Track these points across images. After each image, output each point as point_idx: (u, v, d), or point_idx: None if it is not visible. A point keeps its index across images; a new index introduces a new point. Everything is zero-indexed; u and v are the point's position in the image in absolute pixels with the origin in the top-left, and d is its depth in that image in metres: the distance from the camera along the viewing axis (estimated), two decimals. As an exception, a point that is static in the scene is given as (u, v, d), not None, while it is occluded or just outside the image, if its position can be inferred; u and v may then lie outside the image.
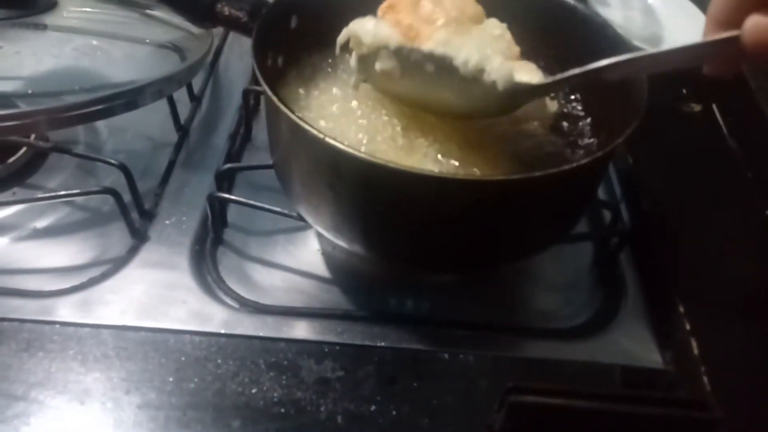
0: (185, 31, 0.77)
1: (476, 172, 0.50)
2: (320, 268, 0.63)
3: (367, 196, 0.47)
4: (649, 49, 0.80)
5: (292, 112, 0.46)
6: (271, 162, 0.59)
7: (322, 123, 0.54)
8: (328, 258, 0.64)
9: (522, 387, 0.45)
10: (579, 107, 0.61)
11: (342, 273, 0.63)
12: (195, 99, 0.77)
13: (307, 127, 0.45)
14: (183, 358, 0.51)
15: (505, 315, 0.61)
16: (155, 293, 0.57)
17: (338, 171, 0.47)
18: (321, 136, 0.44)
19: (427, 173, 0.43)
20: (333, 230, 0.53)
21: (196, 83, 0.78)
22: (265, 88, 0.48)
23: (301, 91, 0.57)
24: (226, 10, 0.54)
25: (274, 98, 0.47)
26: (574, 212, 0.54)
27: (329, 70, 0.61)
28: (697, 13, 0.87)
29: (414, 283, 0.62)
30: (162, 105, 0.72)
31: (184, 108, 0.76)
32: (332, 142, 0.44)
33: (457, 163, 0.50)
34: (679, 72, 0.83)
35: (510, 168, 0.51)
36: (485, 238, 0.49)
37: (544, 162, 0.54)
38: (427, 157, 0.50)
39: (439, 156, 0.51)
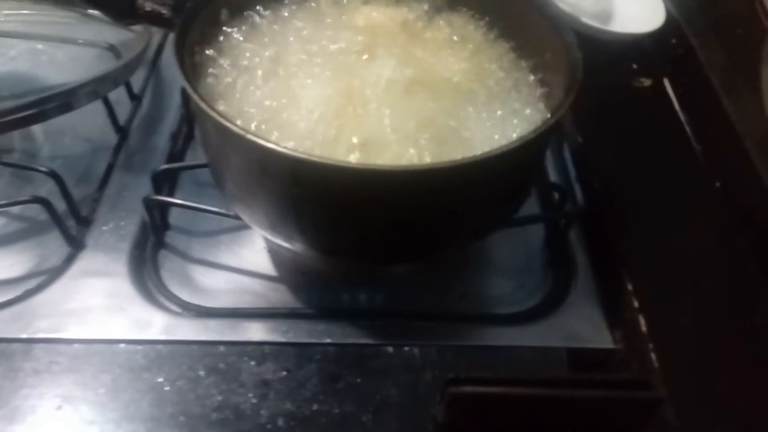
0: (121, 30, 0.75)
1: (412, 153, 0.49)
2: (266, 266, 0.62)
3: (295, 191, 0.46)
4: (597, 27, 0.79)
5: (213, 109, 0.44)
6: (208, 161, 0.58)
7: (254, 115, 0.52)
8: (275, 256, 0.62)
9: (461, 378, 0.44)
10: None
11: (289, 270, 0.61)
12: (135, 98, 0.75)
13: (227, 124, 0.43)
14: (118, 369, 0.50)
15: (454, 303, 0.60)
16: (92, 302, 0.55)
17: (265, 168, 0.46)
18: (242, 132, 0.43)
19: (349, 165, 0.42)
20: (269, 229, 0.52)
21: (137, 82, 0.76)
22: (186, 85, 0.46)
23: (229, 80, 0.55)
24: (148, 5, 0.52)
25: (195, 96, 0.45)
26: (514, 196, 0.53)
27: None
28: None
29: (363, 277, 0.61)
30: (102, 106, 0.70)
31: (124, 108, 0.74)
32: (254, 138, 0.42)
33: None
34: (629, 47, 0.83)
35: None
36: (421, 228, 0.48)
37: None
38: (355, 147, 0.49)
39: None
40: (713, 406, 0.50)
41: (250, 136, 0.42)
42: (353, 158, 0.48)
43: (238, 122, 0.49)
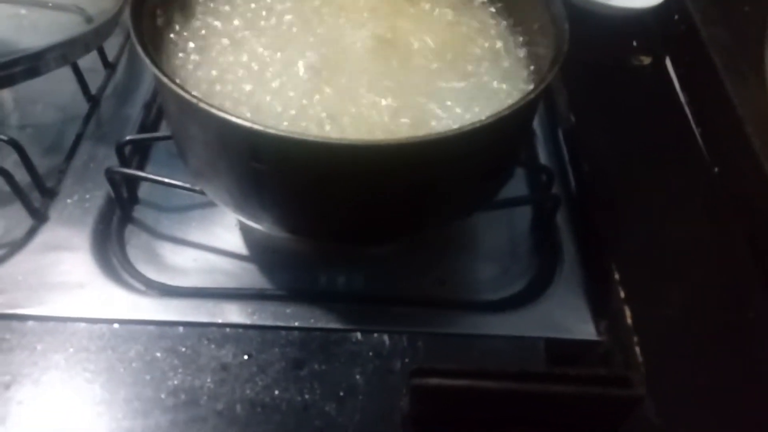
0: (95, -7, 0.71)
1: (383, 126, 0.46)
2: (238, 244, 0.59)
3: (255, 166, 0.43)
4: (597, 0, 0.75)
5: (167, 76, 0.41)
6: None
7: (218, 83, 0.49)
8: (247, 234, 0.60)
9: (426, 369, 0.42)
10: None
11: (261, 249, 0.59)
12: (109, 66, 0.72)
13: (181, 92, 0.40)
14: (71, 349, 0.47)
15: (433, 288, 0.57)
16: (51, 278, 0.53)
17: (223, 141, 0.43)
18: (195, 101, 0.40)
19: (309, 138, 0.39)
20: (233, 206, 0.49)
21: (111, 50, 0.73)
22: (139, 49, 0.43)
23: (194, 45, 0.52)
24: (106, -36, 0.49)
25: (148, 61, 0.42)
26: (493, 176, 0.50)
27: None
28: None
29: (338, 258, 0.58)
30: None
31: (98, 76, 0.71)
32: (209, 108, 0.39)
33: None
34: (629, 23, 0.79)
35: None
36: (389, 207, 0.45)
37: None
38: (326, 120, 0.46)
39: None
40: (697, 403, 0.48)
41: (204, 106, 0.40)
42: (321, 131, 0.45)
43: (196, 92, 0.47)
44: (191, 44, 0.52)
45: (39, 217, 0.57)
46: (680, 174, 0.65)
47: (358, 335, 0.50)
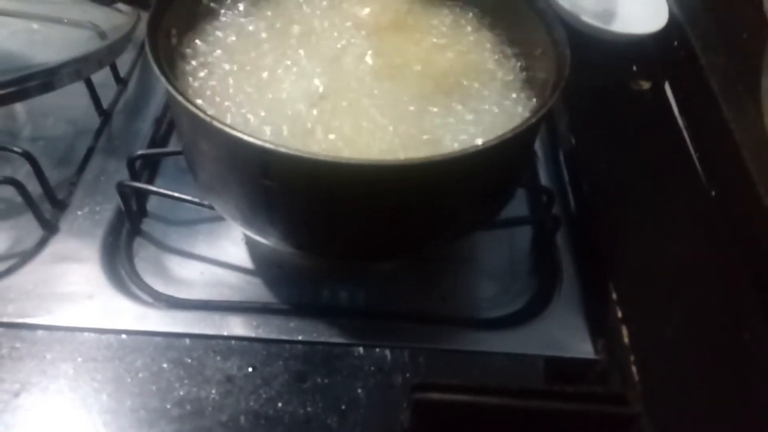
0: (110, 11, 0.73)
1: (389, 148, 0.47)
2: (243, 258, 0.60)
3: (266, 183, 0.44)
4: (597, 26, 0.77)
5: (182, 94, 0.43)
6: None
7: (231, 102, 0.51)
8: (254, 248, 0.61)
9: (428, 384, 0.42)
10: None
11: (267, 264, 0.60)
12: (121, 82, 0.74)
13: (195, 110, 0.42)
14: (80, 358, 0.48)
15: (434, 304, 0.58)
16: (61, 289, 0.54)
17: (234, 158, 0.44)
18: (209, 119, 0.41)
19: (318, 157, 0.40)
20: (242, 221, 0.50)
21: (123, 65, 0.75)
22: (155, 67, 0.44)
23: (207, 65, 0.54)
24: (125, -15, 0.51)
25: (164, 79, 0.44)
26: (494, 196, 0.51)
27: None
28: (652, -13, 0.83)
29: (342, 274, 0.60)
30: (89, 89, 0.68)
31: (110, 91, 0.73)
32: (222, 126, 0.41)
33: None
34: (629, 48, 0.80)
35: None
36: (394, 225, 0.46)
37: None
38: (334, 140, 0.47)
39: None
40: (692, 423, 0.49)
41: (218, 124, 0.41)
42: (329, 151, 0.46)
43: (212, 110, 0.48)
44: (203, 64, 0.53)
45: (50, 228, 0.59)
46: (678, 196, 0.66)
47: (361, 350, 0.51)
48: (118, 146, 0.67)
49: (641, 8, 0.81)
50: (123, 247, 0.59)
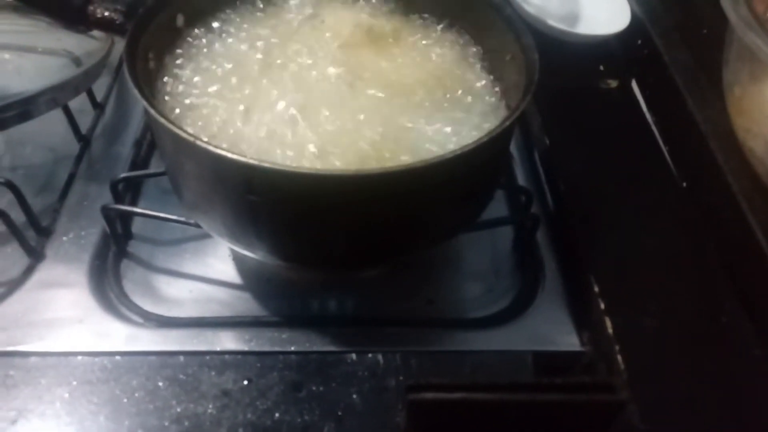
0: (84, 37, 0.74)
1: (368, 157, 0.48)
2: (232, 274, 0.61)
3: (250, 198, 0.45)
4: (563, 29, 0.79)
5: (163, 116, 0.44)
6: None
7: (211, 121, 0.52)
8: (241, 263, 0.61)
9: (421, 384, 0.43)
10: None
11: (255, 278, 0.60)
12: (98, 106, 0.74)
13: (178, 131, 0.43)
14: (75, 382, 0.49)
15: (422, 308, 0.59)
16: (50, 315, 0.54)
17: (218, 175, 0.45)
18: (192, 139, 0.42)
19: (300, 170, 0.41)
20: (229, 237, 0.51)
21: (99, 90, 0.75)
22: (136, 92, 0.45)
23: (185, 86, 0.54)
24: (99, 12, 0.51)
25: (145, 102, 0.44)
26: (473, 200, 0.52)
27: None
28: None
29: (330, 283, 0.60)
30: (65, 115, 0.69)
31: (88, 117, 0.73)
32: (205, 145, 0.42)
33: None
34: (595, 49, 0.83)
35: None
36: (378, 232, 0.48)
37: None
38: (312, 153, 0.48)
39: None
40: (679, 407, 0.50)
41: (200, 143, 0.42)
42: (311, 164, 0.47)
43: (192, 129, 0.49)
44: (181, 86, 0.54)
45: (36, 256, 0.59)
46: (651, 189, 0.69)
47: (353, 356, 0.52)
48: (99, 170, 0.67)
49: (604, 10, 0.84)
50: (110, 269, 0.59)
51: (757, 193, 0.59)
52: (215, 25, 0.58)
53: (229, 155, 0.41)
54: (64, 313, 0.54)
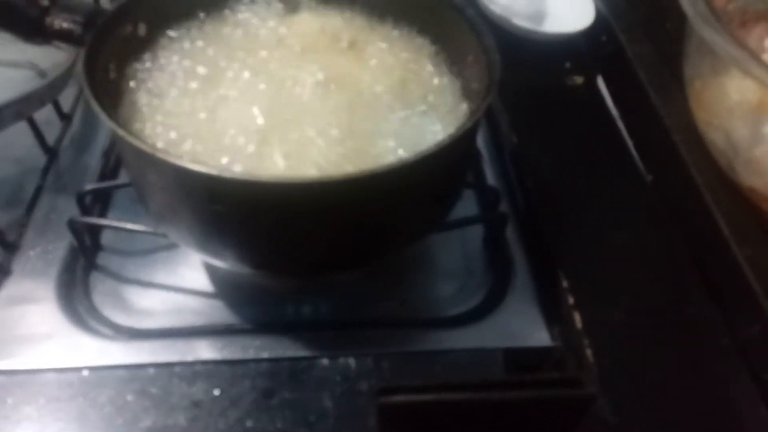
0: (48, 48, 0.73)
1: (333, 163, 0.48)
2: (204, 283, 0.61)
3: (215, 208, 0.45)
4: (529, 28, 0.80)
5: (121, 128, 0.43)
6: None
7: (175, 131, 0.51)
8: (213, 272, 0.61)
9: (392, 387, 0.44)
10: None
11: (228, 286, 0.60)
12: (65, 117, 0.73)
13: (137, 143, 0.42)
14: (42, 400, 0.48)
15: (394, 309, 0.59)
16: (18, 332, 0.54)
17: (182, 186, 0.45)
18: (152, 151, 0.42)
19: (261, 179, 0.41)
20: (197, 246, 0.51)
21: (66, 100, 0.74)
22: (93, 104, 0.45)
23: (148, 96, 0.54)
24: (57, 24, 0.51)
25: (103, 115, 0.44)
26: (440, 201, 0.53)
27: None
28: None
29: (304, 288, 0.61)
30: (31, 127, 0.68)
31: (54, 128, 0.72)
32: (165, 157, 0.42)
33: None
34: (561, 46, 0.84)
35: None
36: (345, 238, 0.48)
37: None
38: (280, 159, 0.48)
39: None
40: (649, 398, 0.51)
41: (161, 155, 0.42)
42: (276, 172, 0.47)
43: (154, 140, 0.49)
44: (145, 95, 0.54)
45: (2, 272, 0.58)
46: (618, 184, 0.69)
47: (325, 361, 0.52)
48: (67, 182, 0.67)
49: (569, 8, 0.85)
50: (79, 283, 0.59)
51: (720, 185, 0.60)
52: (179, 33, 0.58)
53: (190, 166, 0.41)
54: (33, 330, 0.54)
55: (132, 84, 0.54)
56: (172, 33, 0.57)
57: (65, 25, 0.51)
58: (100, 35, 0.50)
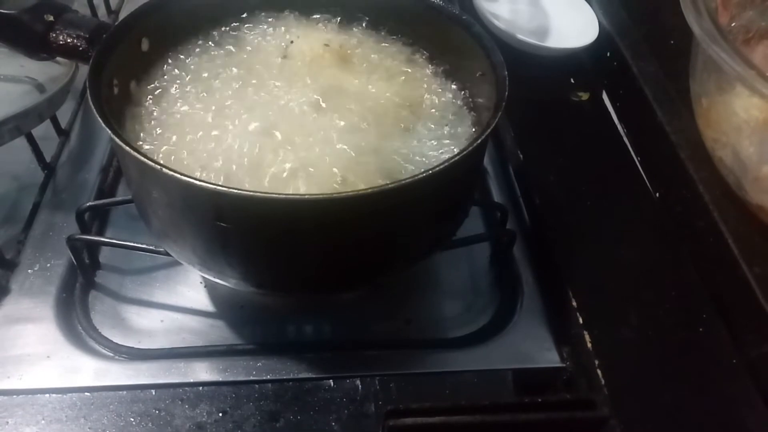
0: (47, 63, 0.72)
1: (341, 180, 0.47)
2: (204, 302, 0.59)
3: (220, 225, 0.44)
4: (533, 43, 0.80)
5: (128, 143, 0.42)
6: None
7: (179, 148, 0.51)
8: (213, 290, 0.60)
9: (400, 409, 0.43)
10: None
11: (228, 305, 0.59)
12: (63, 133, 0.72)
13: (144, 158, 0.41)
14: (43, 421, 0.47)
15: (400, 329, 0.58)
16: (16, 351, 0.52)
17: (187, 202, 0.44)
18: (159, 167, 0.41)
19: (268, 195, 0.40)
20: (199, 264, 0.50)
21: (64, 116, 0.73)
22: (100, 119, 0.44)
23: (153, 112, 0.53)
24: (62, 39, 0.50)
25: (109, 130, 0.43)
26: (448, 218, 0.52)
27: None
28: (584, 5, 0.87)
29: (307, 307, 0.59)
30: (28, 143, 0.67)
31: (52, 144, 0.71)
32: (172, 173, 0.41)
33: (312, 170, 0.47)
34: (565, 62, 0.83)
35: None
36: (351, 255, 0.47)
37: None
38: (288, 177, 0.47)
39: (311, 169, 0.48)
40: (660, 418, 0.50)
41: (167, 171, 0.41)
42: (282, 189, 0.46)
43: (159, 155, 0.48)
44: (149, 111, 0.53)
45: (0, 290, 0.57)
46: (625, 201, 0.69)
47: (331, 382, 0.51)
48: (65, 199, 0.66)
49: (573, 23, 0.85)
50: (78, 302, 0.58)
51: (728, 202, 0.59)
52: (182, 47, 0.57)
53: (197, 182, 0.40)
54: (31, 349, 0.53)
55: (135, 99, 0.53)
56: (175, 49, 0.57)
57: (70, 40, 0.50)
58: (104, 50, 0.49)
